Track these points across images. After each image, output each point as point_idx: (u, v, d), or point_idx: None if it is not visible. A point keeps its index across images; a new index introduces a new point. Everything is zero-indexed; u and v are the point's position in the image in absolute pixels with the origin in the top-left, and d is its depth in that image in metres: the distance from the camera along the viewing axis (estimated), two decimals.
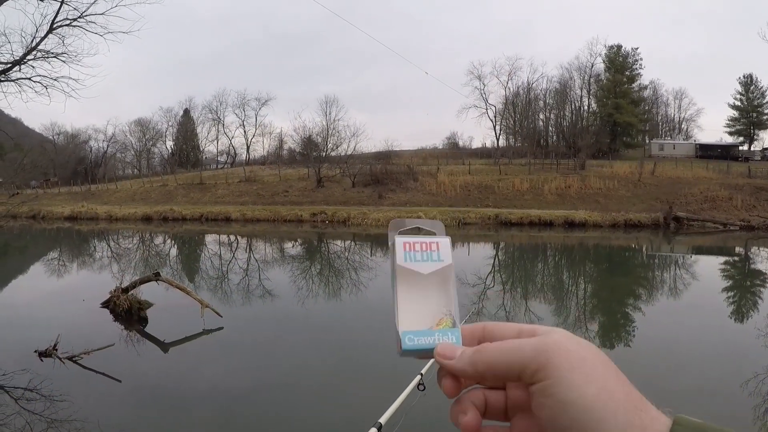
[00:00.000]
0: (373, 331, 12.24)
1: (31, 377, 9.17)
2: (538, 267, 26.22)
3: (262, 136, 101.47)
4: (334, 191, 52.96)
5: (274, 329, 13.62)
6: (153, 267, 21.78)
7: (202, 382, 9.45)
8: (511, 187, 50.53)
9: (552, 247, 33.62)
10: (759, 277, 22.71)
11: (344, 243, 34.95)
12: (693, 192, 45.86)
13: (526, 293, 19.28)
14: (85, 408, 8.01)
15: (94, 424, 7.39)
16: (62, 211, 51.86)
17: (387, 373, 8.66)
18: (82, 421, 7.53)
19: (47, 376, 9.20)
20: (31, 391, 8.69)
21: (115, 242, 36.54)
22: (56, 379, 9.17)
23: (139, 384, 9.48)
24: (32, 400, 8.39)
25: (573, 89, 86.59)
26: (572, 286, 21.51)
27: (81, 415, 7.70)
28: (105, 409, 8.21)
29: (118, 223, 47.51)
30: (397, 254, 0.77)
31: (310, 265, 25.24)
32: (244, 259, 27.17)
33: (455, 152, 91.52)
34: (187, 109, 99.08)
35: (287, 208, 47.30)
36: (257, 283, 19.90)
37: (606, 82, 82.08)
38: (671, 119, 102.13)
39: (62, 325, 11.91)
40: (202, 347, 11.86)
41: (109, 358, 10.19)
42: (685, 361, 10.65)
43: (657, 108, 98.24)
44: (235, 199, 54.03)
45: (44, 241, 39.23)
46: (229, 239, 36.98)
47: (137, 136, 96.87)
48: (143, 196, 59.27)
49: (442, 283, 0.78)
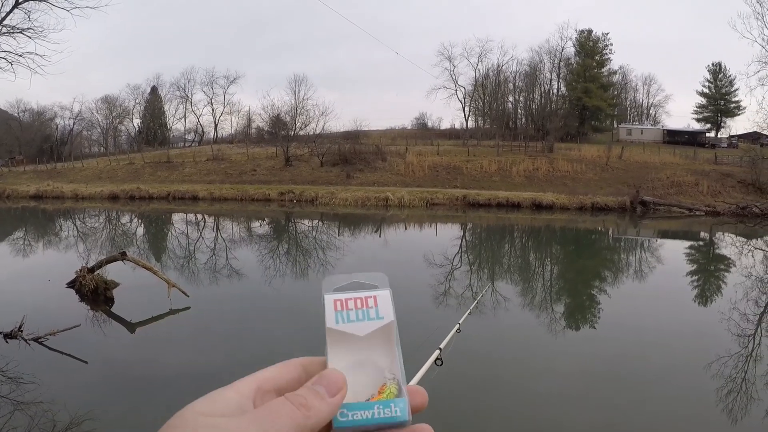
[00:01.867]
0: None
1: None
2: (505, 248, 26.45)
3: (230, 114, 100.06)
4: (302, 170, 52.68)
5: (241, 309, 13.61)
6: (119, 246, 21.56)
7: (170, 362, 9.42)
8: (479, 168, 50.64)
9: (519, 229, 33.91)
10: (723, 261, 23.13)
11: (312, 222, 34.88)
12: (660, 177, 46.39)
13: (493, 274, 19.46)
14: (52, 389, 7.95)
15: (60, 406, 7.33)
16: (27, 190, 50.85)
17: None
18: (49, 402, 7.47)
19: (12, 358, 9.09)
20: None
21: (81, 221, 36.01)
22: (22, 360, 9.08)
23: (105, 365, 9.42)
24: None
25: (543, 72, 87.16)
26: (539, 267, 21.75)
27: (47, 397, 7.64)
28: (72, 391, 8.16)
29: (84, 201, 46.79)
30: (327, 316, 0.69)
31: (278, 245, 25.17)
32: (211, 238, 26.99)
33: (424, 133, 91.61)
34: (154, 86, 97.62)
35: (255, 187, 46.95)
36: (224, 262, 19.80)
37: (576, 66, 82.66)
38: (640, 104, 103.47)
39: (27, 306, 11.75)
40: (170, 327, 11.81)
41: (75, 338, 10.11)
42: (650, 343, 10.86)
43: (626, 93, 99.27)
44: (203, 177, 53.50)
45: (9, 220, 38.55)
46: (197, 218, 36.68)
47: (104, 113, 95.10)
48: (110, 175, 58.41)
49: (384, 343, 0.69)
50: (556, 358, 9.97)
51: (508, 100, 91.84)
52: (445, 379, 8.53)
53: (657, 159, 53.38)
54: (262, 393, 0.62)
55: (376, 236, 28.68)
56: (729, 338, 11.14)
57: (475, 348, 10.05)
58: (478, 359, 9.61)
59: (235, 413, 0.57)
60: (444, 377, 7.89)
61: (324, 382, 0.62)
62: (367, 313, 0.69)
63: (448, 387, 7.84)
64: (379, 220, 35.06)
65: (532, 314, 13.79)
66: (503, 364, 9.76)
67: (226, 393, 0.59)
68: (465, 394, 8.17)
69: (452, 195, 42.48)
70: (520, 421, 7.62)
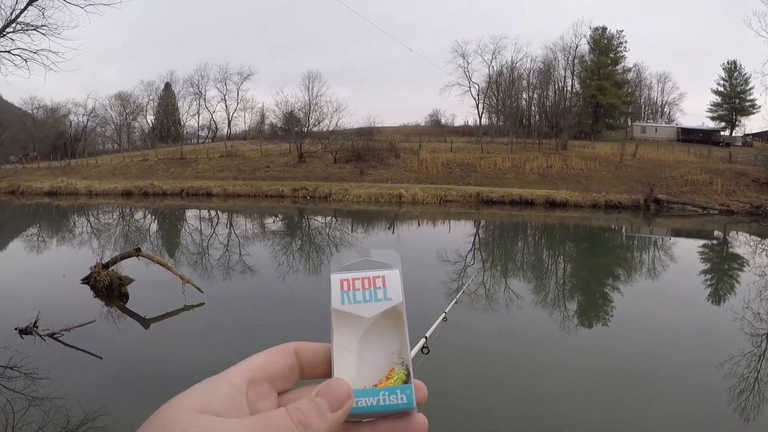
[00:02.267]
0: None
1: (11, 355, 9.14)
2: (518, 245, 26.39)
3: (244, 110, 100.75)
4: (315, 167, 52.78)
5: (255, 305, 13.67)
6: (133, 242, 21.71)
7: (184, 358, 9.47)
8: (492, 165, 50.54)
9: (532, 226, 33.82)
10: (737, 260, 22.98)
11: (325, 219, 34.90)
12: (674, 175, 46.16)
13: (506, 271, 19.43)
14: (66, 385, 8.03)
15: (74, 401, 7.39)
16: (41, 186, 51.27)
17: None
18: (63, 398, 7.54)
19: (28, 354, 9.18)
20: (12, 369, 8.67)
21: (95, 217, 36.26)
22: (37, 356, 9.16)
23: (120, 360, 9.49)
24: (13, 378, 8.38)
25: (557, 69, 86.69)
26: (552, 265, 21.69)
27: (62, 393, 7.70)
28: (86, 386, 8.22)
29: (98, 198, 47.06)
30: (333, 296, 0.67)
31: (291, 241, 25.23)
32: (224, 234, 27.10)
33: (437, 129, 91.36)
34: (168, 83, 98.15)
35: (268, 184, 47.08)
36: (238, 258, 19.87)
37: (590, 63, 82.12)
38: (654, 102, 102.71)
39: (42, 301, 11.84)
40: (184, 323, 11.87)
41: (90, 334, 10.20)
42: (662, 342, 10.81)
43: (640, 91, 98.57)
44: (216, 174, 53.72)
45: (23, 216, 38.86)
46: (210, 214, 36.85)
47: (117, 110, 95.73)
48: (123, 171, 58.77)
49: (392, 326, 0.66)
50: (566, 356, 9.96)
51: (522, 98, 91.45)
52: (452, 373, 8.56)
53: (671, 157, 53.00)
54: (254, 384, 0.61)
55: (389, 233, 28.66)
56: (742, 337, 11.08)
57: (484, 345, 10.08)
58: (484, 357, 9.64)
59: (229, 409, 0.56)
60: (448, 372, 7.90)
61: (328, 394, 0.60)
62: (374, 294, 0.67)
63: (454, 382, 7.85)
64: (393, 216, 35.04)
65: (544, 311, 13.76)
66: (512, 362, 9.75)
67: (219, 386, 0.59)
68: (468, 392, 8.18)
69: (465, 192, 42.40)
70: (530, 420, 7.62)
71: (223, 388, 0.58)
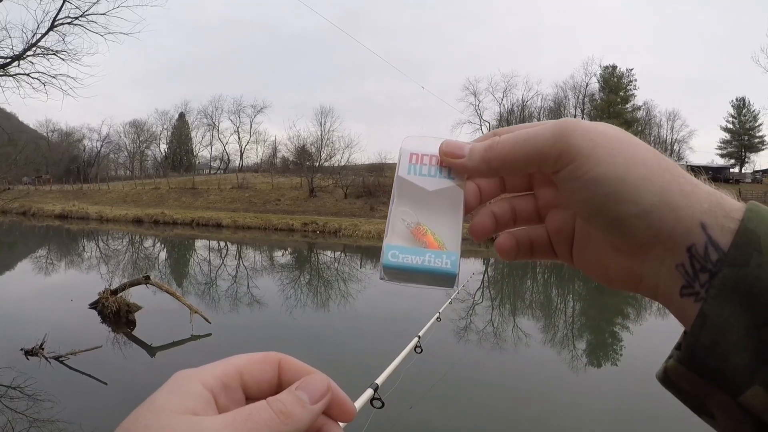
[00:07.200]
0: (362, 341, 12.26)
1: (15, 375, 9.09)
2: (527, 284, 26.28)
3: (256, 143, 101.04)
4: (326, 201, 52.90)
5: (262, 337, 13.60)
6: (142, 270, 21.70)
7: None
8: None
9: (542, 264, 33.58)
10: None
11: (334, 254, 34.84)
12: None
13: (515, 310, 19.31)
14: (69, 409, 7.96)
15: (76, 426, 7.33)
16: (53, 209, 51.65)
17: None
18: (65, 422, 7.47)
19: (32, 375, 9.12)
20: (15, 390, 8.63)
21: (105, 243, 36.36)
22: (41, 378, 9.10)
23: (125, 387, 9.40)
24: (15, 399, 8.33)
25: (567, 108, 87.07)
26: (561, 303, 21.55)
27: (64, 416, 7.64)
28: (89, 411, 8.15)
29: (108, 224, 47.26)
30: (401, 165, 0.69)
31: (300, 275, 25.16)
32: (233, 265, 27.06)
33: None
34: (182, 112, 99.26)
35: (278, 217, 47.15)
36: (246, 290, 19.82)
37: (600, 102, 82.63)
38: (664, 140, 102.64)
39: (49, 324, 11.79)
40: (190, 353, 11.79)
41: (95, 359, 10.13)
42: None
43: (650, 129, 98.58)
44: (227, 205, 53.94)
45: (34, 238, 39.05)
46: (220, 245, 36.85)
47: (131, 137, 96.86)
48: (135, 198, 59.14)
49: (449, 206, 0.68)
50: (582, 402, 9.81)
51: None
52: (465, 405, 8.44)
53: None
54: (227, 390, 0.58)
55: None
56: None
57: (493, 380, 9.96)
58: (497, 392, 9.52)
59: (205, 409, 0.54)
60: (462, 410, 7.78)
61: (307, 388, 0.58)
62: (439, 171, 0.67)
63: None
64: None
65: (553, 351, 13.63)
66: (522, 400, 9.61)
67: (192, 385, 0.56)
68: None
69: None
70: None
71: (198, 388, 0.56)
